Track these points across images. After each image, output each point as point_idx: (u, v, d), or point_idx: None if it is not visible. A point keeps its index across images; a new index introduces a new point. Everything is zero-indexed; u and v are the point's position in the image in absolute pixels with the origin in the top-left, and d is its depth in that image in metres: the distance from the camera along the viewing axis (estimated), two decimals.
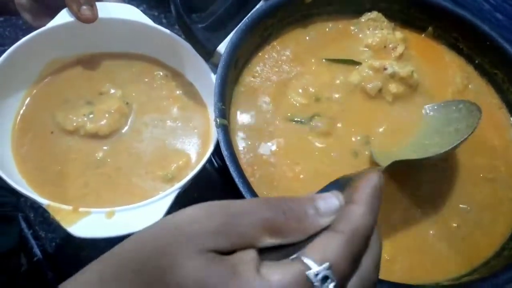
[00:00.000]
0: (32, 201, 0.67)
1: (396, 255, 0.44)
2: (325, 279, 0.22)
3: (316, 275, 0.21)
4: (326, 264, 0.22)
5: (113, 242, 0.63)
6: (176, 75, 0.55)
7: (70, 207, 0.39)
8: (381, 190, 0.26)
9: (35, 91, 0.51)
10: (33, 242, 0.65)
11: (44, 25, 0.50)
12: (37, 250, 0.64)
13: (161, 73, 0.55)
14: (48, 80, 0.52)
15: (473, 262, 0.44)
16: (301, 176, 0.47)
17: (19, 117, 0.49)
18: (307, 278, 0.21)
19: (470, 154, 0.51)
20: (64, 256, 0.64)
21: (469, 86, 0.57)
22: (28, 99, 0.50)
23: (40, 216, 0.67)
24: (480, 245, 0.45)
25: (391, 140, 0.50)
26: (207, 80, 0.50)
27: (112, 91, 0.52)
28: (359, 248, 0.24)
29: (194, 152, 0.50)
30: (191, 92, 0.54)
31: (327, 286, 0.22)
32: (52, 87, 0.51)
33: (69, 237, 0.67)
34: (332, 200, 0.25)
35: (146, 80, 0.54)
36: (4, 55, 0.46)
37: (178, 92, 0.54)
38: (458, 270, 0.43)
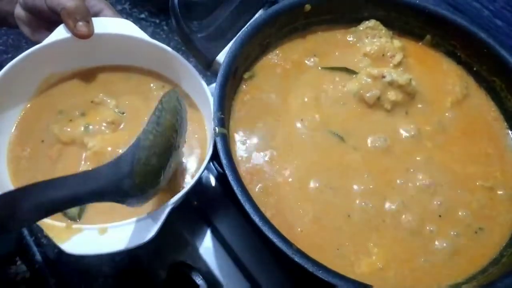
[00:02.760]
0: None
1: (389, 262, 0.44)
2: None
3: None
4: None
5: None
6: (172, 86, 0.56)
7: (63, 224, 0.40)
8: None
9: (29, 105, 0.51)
10: (35, 249, 0.65)
11: (43, 38, 0.50)
12: (39, 257, 0.65)
13: (158, 84, 0.56)
14: (44, 94, 0.52)
15: (466, 270, 0.44)
16: (290, 180, 0.47)
17: (14, 132, 0.49)
18: None
19: (463, 163, 0.51)
20: (65, 263, 0.65)
21: (468, 96, 0.57)
22: (23, 112, 0.50)
23: None
24: (473, 254, 0.45)
25: None
26: (201, 92, 0.51)
27: (108, 101, 0.52)
28: None
29: (190, 163, 0.50)
30: (187, 103, 0.54)
31: None
32: (48, 100, 0.52)
33: None
34: None
35: (142, 91, 0.55)
36: (0, 73, 0.46)
37: None
38: (452, 278, 0.43)
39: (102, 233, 0.40)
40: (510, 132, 0.55)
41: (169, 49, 0.52)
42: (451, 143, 0.53)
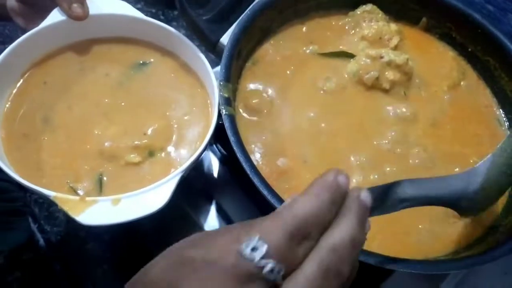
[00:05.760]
0: (37, 197, 0.68)
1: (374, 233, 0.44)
2: (263, 258, 0.23)
3: (252, 249, 0.23)
4: (259, 238, 0.24)
5: (117, 235, 0.64)
6: (172, 56, 0.55)
7: (77, 197, 0.40)
8: (337, 185, 0.27)
9: (15, 90, 0.50)
10: (39, 235, 0.66)
11: None
12: (43, 243, 0.65)
13: (157, 55, 0.55)
14: (37, 68, 0.52)
15: (449, 246, 0.45)
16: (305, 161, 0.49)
17: (8, 106, 0.49)
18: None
19: (458, 144, 0.53)
20: (69, 249, 0.65)
21: (463, 80, 0.59)
22: (15, 89, 0.50)
23: (45, 211, 0.68)
24: (459, 232, 0.47)
25: None
26: (200, 62, 0.51)
27: (109, 71, 0.52)
28: (300, 232, 0.25)
29: (195, 134, 0.49)
30: (188, 72, 0.54)
31: (266, 264, 0.23)
32: (39, 74, 0.51)
33: (74, 230, 0.69)
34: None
35: (141, 61, 0.54)
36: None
37: (173, 73, 0.54)
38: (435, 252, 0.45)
39: (116, 204, 0.40)
40: (503, 113, 0.57)
41: (165, 25, 0.52)
42: (447, 123, 0.55)
